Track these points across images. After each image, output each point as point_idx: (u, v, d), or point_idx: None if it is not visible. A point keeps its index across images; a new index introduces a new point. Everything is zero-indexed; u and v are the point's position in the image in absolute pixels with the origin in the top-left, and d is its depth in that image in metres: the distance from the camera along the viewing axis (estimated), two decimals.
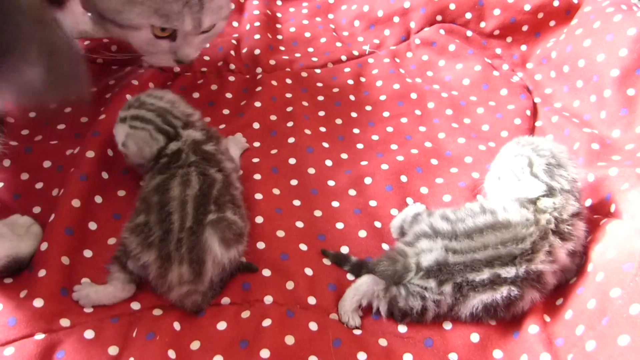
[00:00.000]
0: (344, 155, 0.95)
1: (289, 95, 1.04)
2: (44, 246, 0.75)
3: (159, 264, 0.70)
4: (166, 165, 0.78)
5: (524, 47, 1.15)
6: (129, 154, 0.81)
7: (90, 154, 0.85)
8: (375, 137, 0.99)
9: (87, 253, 0.78)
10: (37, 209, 0.83)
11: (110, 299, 0.72)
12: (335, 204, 0.88)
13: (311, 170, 0.92)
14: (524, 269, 0.70)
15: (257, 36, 1.14)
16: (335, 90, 1.07)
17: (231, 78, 1.07)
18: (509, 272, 0.70)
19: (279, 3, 1.29)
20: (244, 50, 1.12)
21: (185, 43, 0.86)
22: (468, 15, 1.16)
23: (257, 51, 1.11)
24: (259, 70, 1.09)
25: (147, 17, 0.80)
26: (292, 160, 0.93)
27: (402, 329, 0.74)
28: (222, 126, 0.98)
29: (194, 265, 0.70)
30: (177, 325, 0.71)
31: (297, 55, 1.14)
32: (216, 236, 0.72)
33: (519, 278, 0.70)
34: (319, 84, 1.08)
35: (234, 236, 0.74)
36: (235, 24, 1.22)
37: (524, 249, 0.71)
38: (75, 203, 0.80)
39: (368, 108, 1.04)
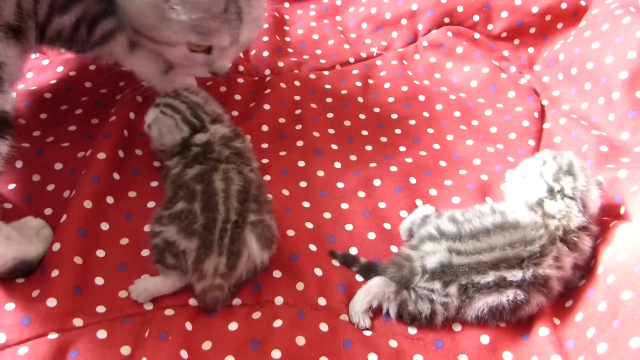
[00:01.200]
0: (353, 157, 0.96)
1: (297, 97, 1.04)
2: (56, 246, 0.76)
3: (200, 252, 0.71)
4: (202, 154, 0.80)
5: (531, 50, 1.15)
6: (151, 137, 0.85)
7: (101, 155, 0.86)
8: (383, 139, 0.99)
9: (100, 253, 0.78)
10: (48, 211, 0.84)
11: (169, 287, 0.73)
12: (344, 205, 0.88)
13: (320, 173, 0.92)
14: (531, 273, 0.70)
15: (265, 38, 1.15)
16: (344, 92, 1.08)
17: (240, 80, 1.08)
18: (515, 275, 0.70)
19: (287, 5, 1.30)
20: (253, 53, 1.13)
21: (221, 56, 0.84)
22: (476, 18, 1.16)
23: (265, 53, 1.12)
24: (267, 72, 1.09)
25: (183, 34, 0.78)
26: (301, 163, 0.93)
27: (412, 330, 0.74)
28: None
29: (232, 257, 0.72)
30: (188, 326, 0.72)
31: (305, 57, 1.14)
32: (254, 233, 0.74)
33: (526, 282, 0.70)
34: (327, 86, 1.08)
35: (270, 236, 0.76)
36: None
37: (532, 252, 0.71)
38: (87, 204, 0.81)
39: (376, 110, 1.05)
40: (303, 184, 0.91)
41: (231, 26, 0.79)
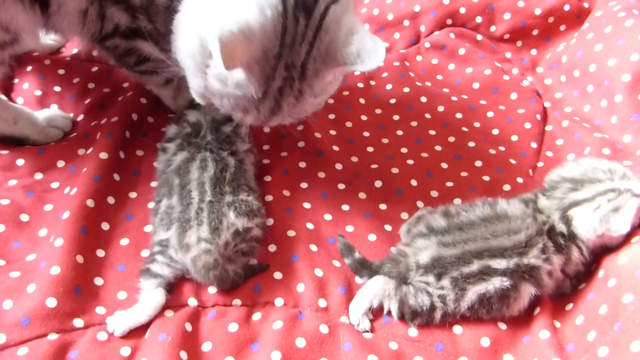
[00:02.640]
0: (354, 159, 0.96)
1: None
2: (58, 242, 0.76)
3: (180, 231, 0.75)
4: (188, 137, 0.85)
5: (534, 52, 1.15)
6: None
7: (103, 155, 0.86)
8: (385, 141, 0.99)
9: (100, 253, 0.79)
10: (48, 207, 0.83)
11: (145, 311, 0.72)
12: (345, 207, 0.88)
13: (321, 174, 0.92)
14: (514, 262, 0.71)
15: None
16: (345, 93, 1.07)
17: None
18: (499, 263, 0.71)
19: None
20: None
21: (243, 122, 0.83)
22: (478, 19, 1.16)
23: None
24: None
25: (211, 95, 0.75)
26: (302, 164, 0.93)
27: (413, 332, 0.74)
28: None
29: (213, 223, 0.76)
30: (188, 326, 0.71)
31: None
32: (231, 208, 0.78)
33: (509, 270, 0.71)
34: None
35: (245, 207, 0.79)
36: None
37: (517, 241, 0.72)
38: (90, 203, 0.81)
39: (378, 111, 1.05)
40: (304, 185, 0.90)
41: (261, 113, 0.74)
